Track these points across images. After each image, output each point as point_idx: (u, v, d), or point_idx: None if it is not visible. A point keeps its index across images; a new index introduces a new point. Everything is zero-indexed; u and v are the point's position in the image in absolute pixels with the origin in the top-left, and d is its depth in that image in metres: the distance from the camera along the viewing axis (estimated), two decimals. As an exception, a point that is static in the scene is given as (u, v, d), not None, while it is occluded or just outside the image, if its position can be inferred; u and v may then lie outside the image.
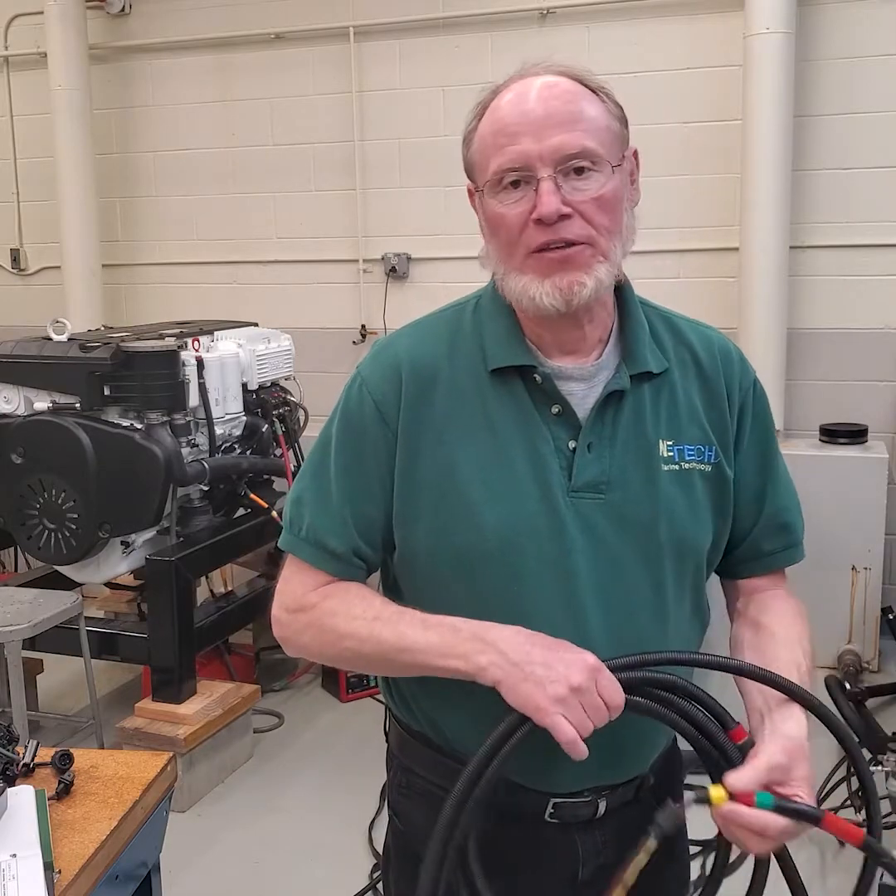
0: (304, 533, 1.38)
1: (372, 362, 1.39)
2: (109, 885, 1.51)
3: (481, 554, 1.30)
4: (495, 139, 1.26)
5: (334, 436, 1.38)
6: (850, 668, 4.11)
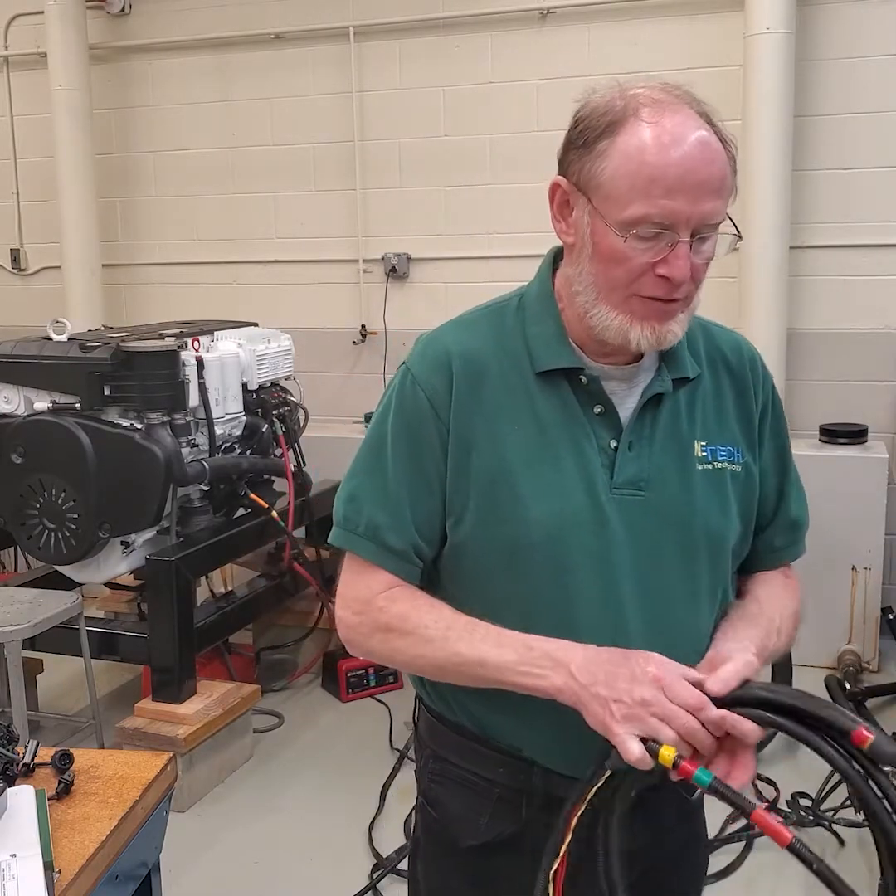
0: (363, 529, 1.38)
1: (421, 357, 1.40)
2: (109, 885, 1.51)
3: (528, 545, 1.33)
4: (647, 185, 1.22)
5: (390, 432, 1.39)
6: (850, 668, 4.11)
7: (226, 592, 4.21)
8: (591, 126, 1.29)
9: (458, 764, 1.48)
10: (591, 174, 1.27)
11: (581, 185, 1.28)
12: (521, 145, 4.89)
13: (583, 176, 1.28)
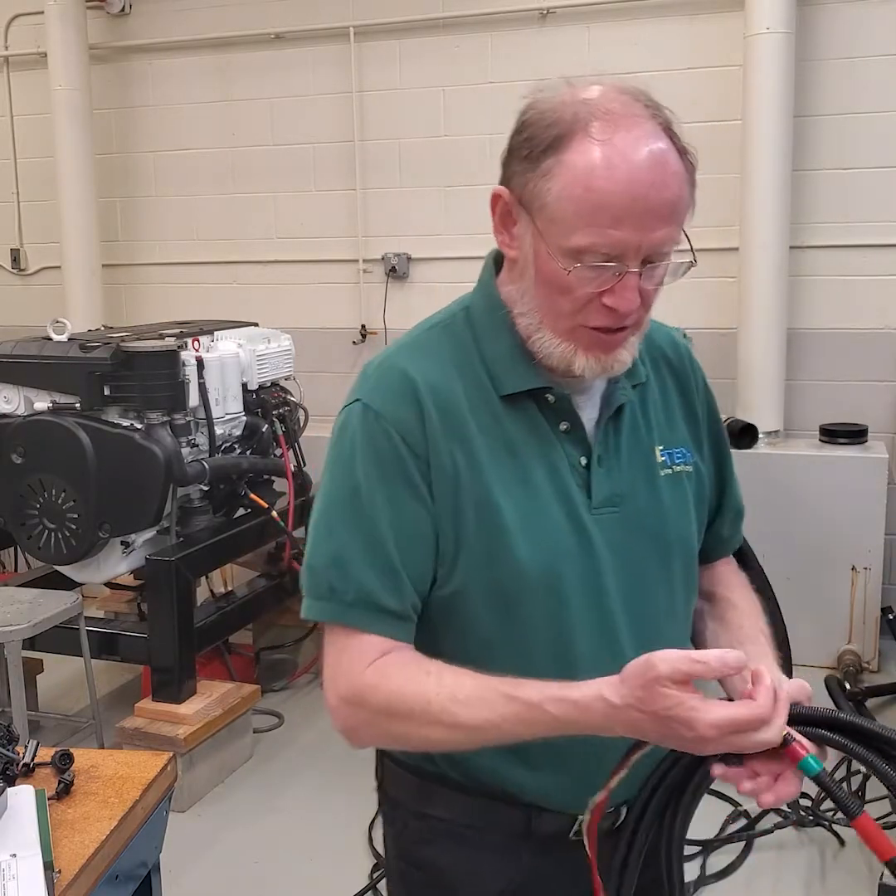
0: (353, 597, 1.22)
1: (378, 390, 1.26)
2: (109, 885, 1.51)
3: (523, 587, 1.24)
4: (594, 214, 1.13)
5: (364, 480, 1.23)
6: (850, 668, 4.11)
7: (226, 592, 4.21)
8: (537, 136, 1.17)
9: (446, 818, 1.35)
10: (535, 193, 1.16)
11: (524, 202, 1.18)
12: (521, 145, 4.88)
13: (526, 193, 1.18)
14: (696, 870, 2.97)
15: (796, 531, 4.28)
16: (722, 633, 1.41)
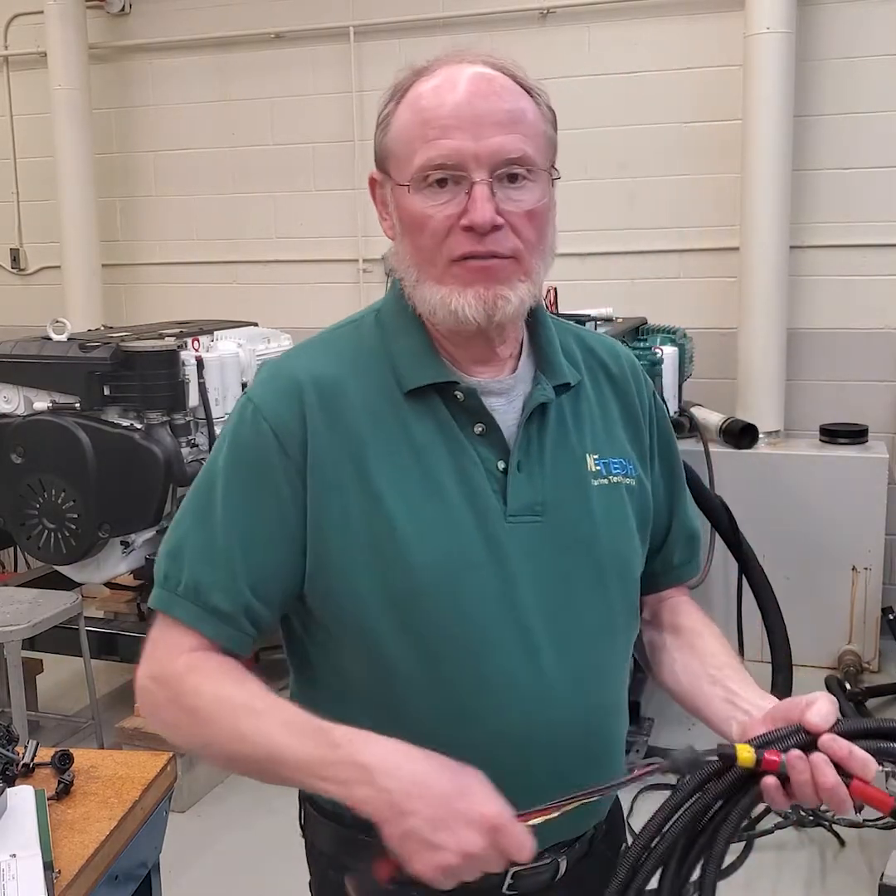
0: (183, 588, 1.18)
1: (264, 386, 1.22)
2: (109, 885, 1.50)
3: (415, 595, 1.16)
4: (423, 130, 1.13)
5: (221, 472, 1.21)
6: (851, 668, 4.11)
7: (226, 592, 4.20)
8: (386, 100, 1.19)
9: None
10: (384, 148, 1.19)
11: (380, 164, 1.20)
12: (521, 145, 4.88)
13: (380, 154, 1.20)
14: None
15: (796, 531, 4.27)
16: (694, 662, 1.32)
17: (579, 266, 4.84)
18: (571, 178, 4.86)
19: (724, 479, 4.02)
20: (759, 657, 3.85)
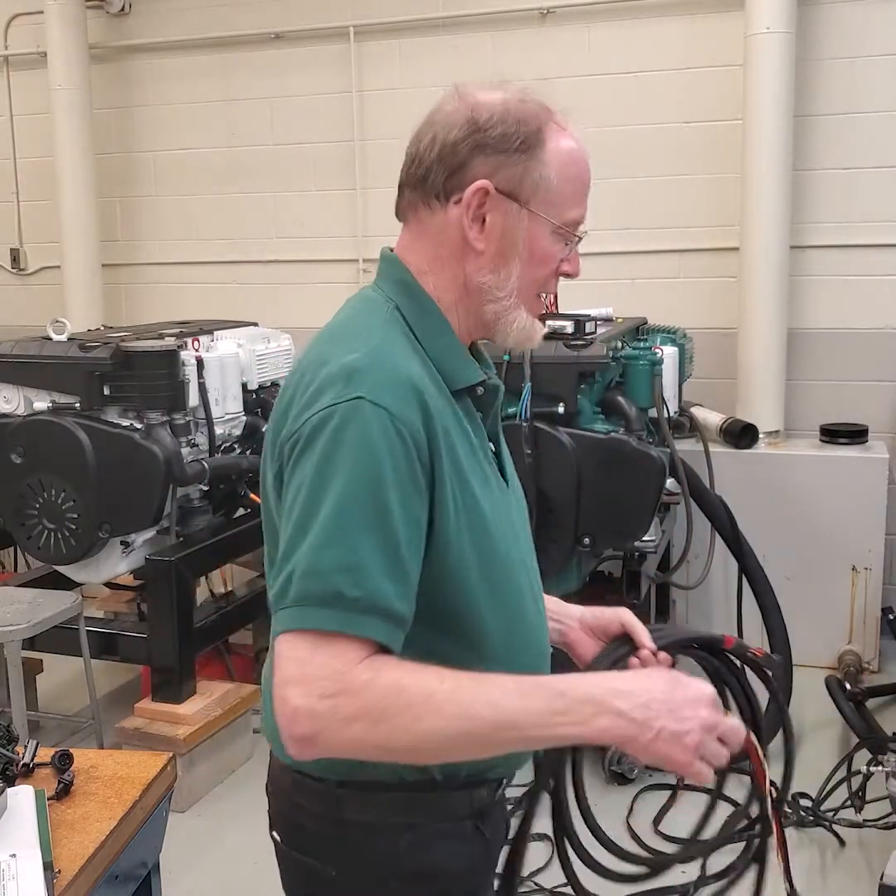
0: (363, 603, 1.12)
1: (384, 389, 1.18)
2: (109, 885, 1.51)
3: (508, 580, 1.32)
4: (580, 188, 1.35)
5: (382, 481, 1.15)
6: (851, 668, 4.11)
7: (226, 592, 4.21)
8: (512, 132, 1.28)
9: (428, 822, 1.31)
10: (532, 180, 1.28)
11: (512, 190, 1.27)
12: (521, 145, 4.88)
13: (521, 182, 1.28)
14: (696, 870, 2.97)
15: (796, 531, 4.28)
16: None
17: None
18: (571, 178, 4.89)
19: (724, 479, 4.02)
20: (759, 657, 3.85)
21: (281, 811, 1.39)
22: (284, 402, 1.25)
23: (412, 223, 1.33)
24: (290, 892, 1.42)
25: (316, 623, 1.12)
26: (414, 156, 1.30)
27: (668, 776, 3.47)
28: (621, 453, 3.14)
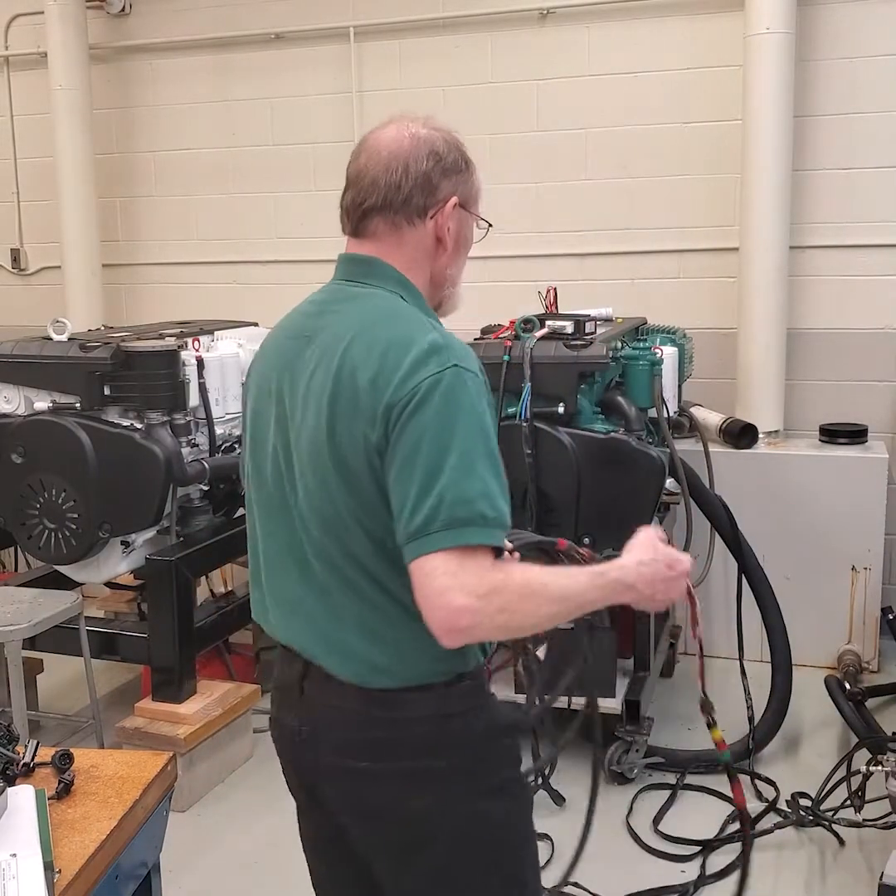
0: (497, 521, 1.45)
1: (467, 360, 1.52)
2: (109, 884, 1.51)
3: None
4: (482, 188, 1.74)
5: (487, 427, 1.50)
6: (850, 668, 4.11)
7: (226, 592, 4.21)
8: (455, 159, 1.66)
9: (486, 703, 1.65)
10: (471, 191, 1.69)
11: (465, 201, 1.67)
12: (520, 145, 4.89)
13: (466, 193, 1.68)
14: (696, 870, 2.97)
15: (796, 531, 4.28)
16: None
17: (579, 266, 4.84)
18: (571, 178, 4.90)
19: (724, 479, 4.02)
20: (759, 657, 3.85)
21: (374, 739, 1.56)
22: (374, 364, 1.49)
23: (383, 236, 1.62)
24: (387, 810, 1.58)
25: (468, 539, 1.41)
26: (390, 185, 1.59)
27: (668, 776, 3.47)
28: (621, 453, 3.14)
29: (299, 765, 1.66)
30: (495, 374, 3.16)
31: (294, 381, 1.58)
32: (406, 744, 1.55)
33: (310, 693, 1.60)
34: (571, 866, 2.07)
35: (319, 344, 1.56)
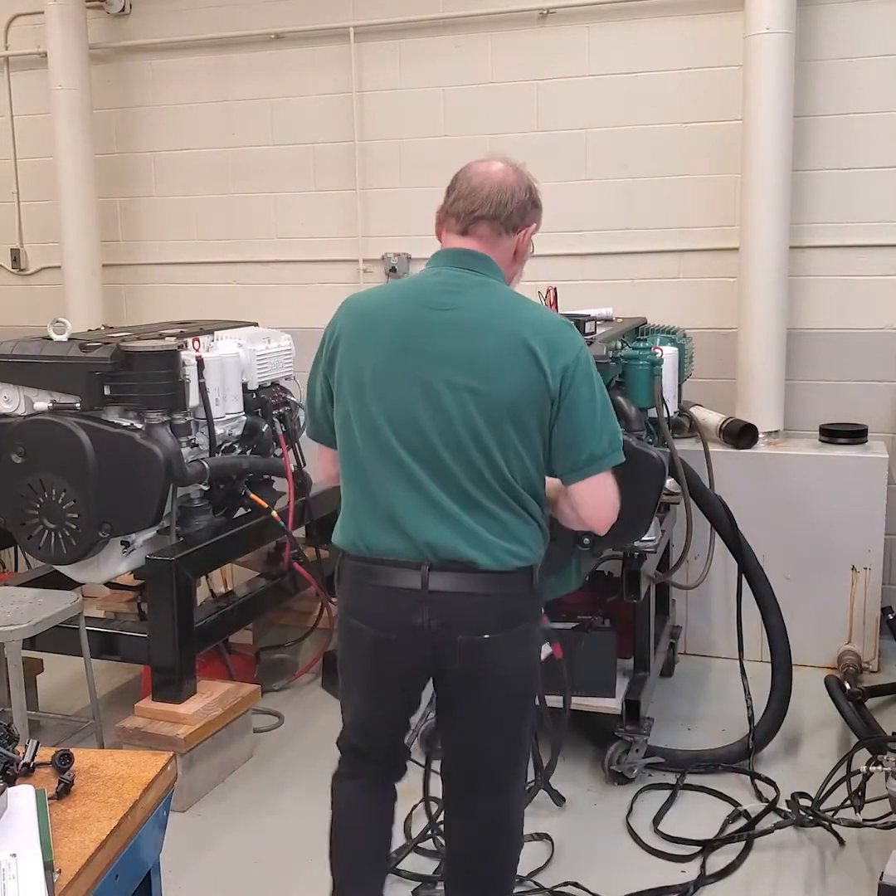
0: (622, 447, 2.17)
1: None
2: (109, 884, 1.51)
3: None
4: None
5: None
6: (850, 668, 4.11)
7: (226, 592, 4.21)
8: (538, 198, 2.27)
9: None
10: (539, 221, 2.30)
11: (535, 218, 2.28)
12: (521, 145, 4.88)
13: (538, 222, 2.30)
14: (696, 870, 2.97)
15: (796, 531, 4.28)
16: None
17: (579, 266, 4.85)
18: (571, 178, 4.91)
19: (724, 479, 4.02)
20: (759, 657, 3.85)
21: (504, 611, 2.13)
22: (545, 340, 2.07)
23: (486, 238, 2.19)
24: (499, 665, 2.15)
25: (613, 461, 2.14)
26: (500, 203, 2.16)
27: (668, 776, 3.47)
28: (621, 453, 3.14)
29: (413, 649, 2.13)
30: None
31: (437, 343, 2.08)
32: (513, 613, 2.15)
33: (438, 587, 2.07)
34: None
35: (473, 316, 2.09)
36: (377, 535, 2.12)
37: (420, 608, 2.07)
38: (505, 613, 2.12)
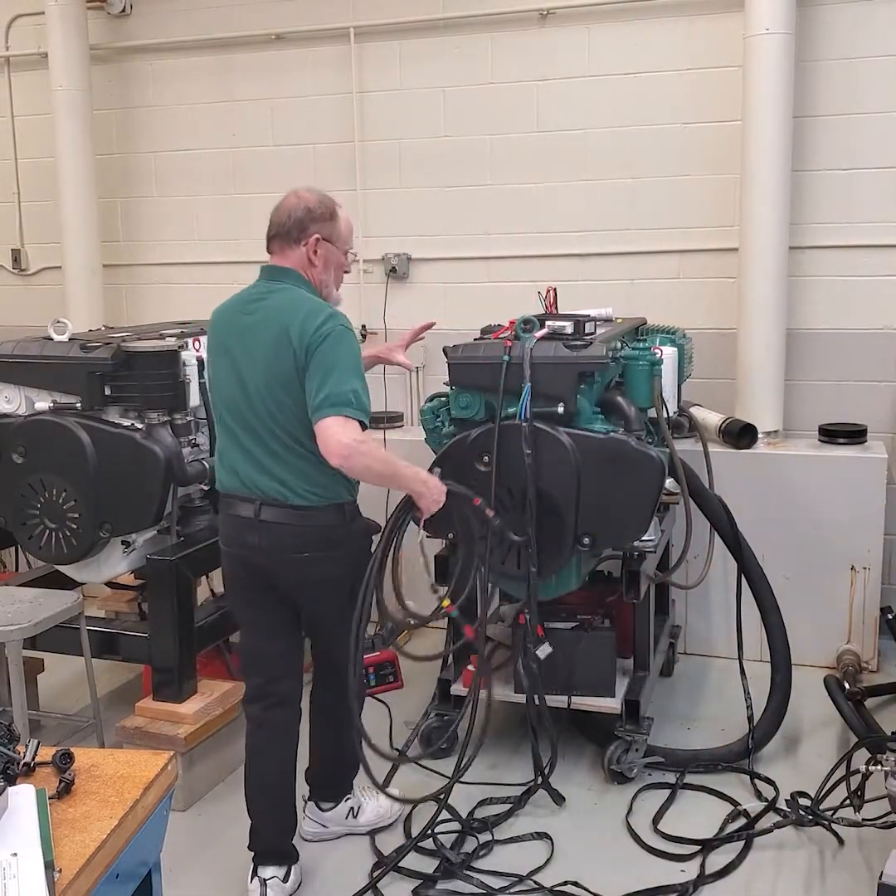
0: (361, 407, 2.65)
1: (346, 321, 2.73)
2: (110, 883, 1.51)
3: None
4: (349, 234, 2.87)
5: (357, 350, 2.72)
6: (850, 667, 4.11)
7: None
8: (324, 211, 2.77)
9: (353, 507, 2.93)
10: (335, 231, 2.79)
11: (328, 237, 2.77)
12: (520, 145, 4.90)
13: (331, 233, 2.78)
14: (695, 869, 2.98)
15: (796, 531, 4.28)
16: None
17: (579, 266, 4.85)
18: (571, 179, 4.91)
19: (724, 479, 4.02)
20: (759, 657, 3.85)
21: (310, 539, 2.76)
22: (298, 324, 2.63)
23: (280, 252, 2.80)
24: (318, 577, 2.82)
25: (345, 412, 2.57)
26: (280, 223, 2.77)
27: (668, 776, 3.47)
28: (621, 453, 3.14)
29: (257, 563, 2.78)
30: (495, 375, 3.17)
31: (243, 338, 2.73)
32: (328, 539, 2.76)
33: (265, 518, 2.72)
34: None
35: (262, 316, 2.71)
36: (228, 479, 2.80)
37: (253, 532, 2.75)
38: (321, 538, 2.74)
